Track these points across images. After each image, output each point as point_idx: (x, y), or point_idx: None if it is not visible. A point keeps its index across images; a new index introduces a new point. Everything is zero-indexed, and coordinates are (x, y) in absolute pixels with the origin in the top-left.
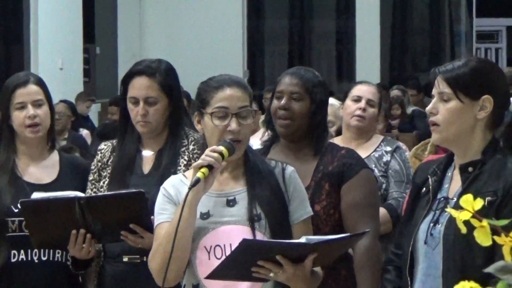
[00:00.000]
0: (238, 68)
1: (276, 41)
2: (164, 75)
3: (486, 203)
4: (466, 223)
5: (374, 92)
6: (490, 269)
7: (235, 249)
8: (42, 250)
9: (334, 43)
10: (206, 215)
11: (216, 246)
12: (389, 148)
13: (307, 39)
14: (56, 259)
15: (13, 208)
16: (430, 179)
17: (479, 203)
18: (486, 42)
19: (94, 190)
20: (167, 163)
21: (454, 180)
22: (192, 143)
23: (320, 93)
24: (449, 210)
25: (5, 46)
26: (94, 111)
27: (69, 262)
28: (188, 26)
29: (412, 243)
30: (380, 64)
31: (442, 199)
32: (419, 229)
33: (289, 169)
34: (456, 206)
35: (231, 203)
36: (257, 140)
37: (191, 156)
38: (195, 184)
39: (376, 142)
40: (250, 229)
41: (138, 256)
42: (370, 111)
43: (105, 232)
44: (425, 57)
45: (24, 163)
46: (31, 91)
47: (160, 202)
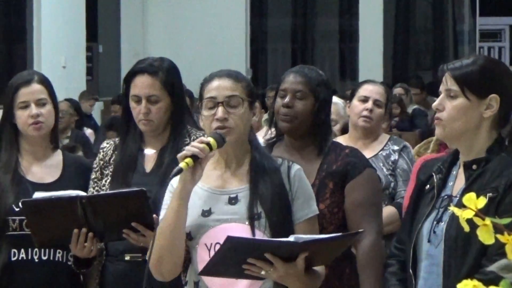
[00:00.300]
0: (241, 67)
1: (279, 39)
2: (167, 73)
3: (487, 199)
4: (468, 221)
5: (381, 92)
6: (493, 267)
7: (221, 246)
8: (42, 250)
9: (337, 41)
10: (207, 213)
11: (216, 243)
12: (396, 147)
13: (310, 37)
14: (56, 258)
15: (14, 207)
16: (434, 177)
17: (482, 202)
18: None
19: (96, 188)
20: (169, 161)
21: (458, 178)
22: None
23: (324, 92)
24: (452, 208)
25: (8, 44)
26: (97, 109)
27: (69, 262)
28: (191, 24)
29: (415, 241)
30: (383, 62)
31: (446, 197)
32: (423, 227)
33: (295, 167)
34: (459, 204)
35: (233, 201)
36: (260, 138)
37: None
38: (176, 174)
39: (383, 141)
40: (250, 227)
41: (140, 255)
42: (377, 111)
43: (107, 230)
44: (428, 56)
45: (27, 162)
46: (35, 90)
47: (165, 197)
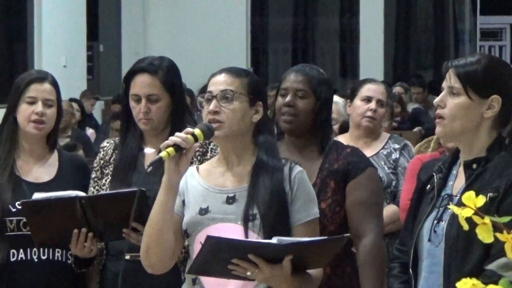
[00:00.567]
0: (241, 66)
1: (280, 38)
2: (166, 72)
3: (488, 199)
4: (468, 220)
5: (383, 91)
6: (492, 266)
7: (202, 246)
8: (41, 249)
9: (338, 40)
10: (204, 211)
11: None
12: (397, 146)
13: (311, 36)
14: (56, 258)
15: (11, 208)
16: (435, 176)
17: (481, 200)
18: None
19: (97, 188)
20: None
21: (458, 178)
22: None
23: (325, 91)
24: (451, 207)
25: (9, 44)
26: (97, 108)
27: (69, 261)
28: (192, 23)
29: (415, 240)
30: (384, 61)
31: (446, 196)
32: (423, 227)
33: (297, 169)
34: (459, 203)
35: (230, 200)
36: None
37: (193, 153)
38: (155, 162)
39: (383, 140)
40: (243, 228)
41: (140, 254)
42: (380, 111)
43: (106, 230)
44: (428, 54)
45: (23, 161)
46: (46, 89)
47: None
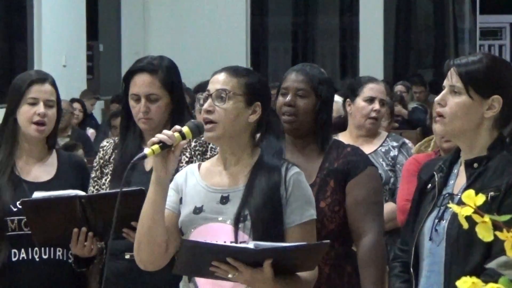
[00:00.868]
0: (241, 65)
1: (280, 38)
2: (166, 72)
3: (489, 198)
4: (468, 218)
5: (384, 90)
6: (492, 264)
7: (179, 248)
8: (43, 249)
9: (338, 40)
10: (199, 210)
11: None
12: (395, 143)
13: (311, 36)
14: (57, 257)
15: (12, 207)
16: (436, 175)
17: (481, 199)
18: (489, 39)
19: (96, 187)
20: None
21: (459, 176)
22: (194, 140)
23: (326, 90)
24: (451, 205)
25: (9, 43)
26: (97, 108)
27: (70, 260)
28: (192, 23)
29: (417, 239)
30: (384, 61)
31: (447, 195)
32: (424, 226)
33: (292, 171)
34: (460, 202)
35: (224, 200)
36: None
37: (193, 153)
38: (138, 159)
39: (382, 138)
40: (234, 229)
41: None
42: (382, 111)
43: (107, 230)
44: (428, 54)
45: (23, 161)
46: (47, 90)
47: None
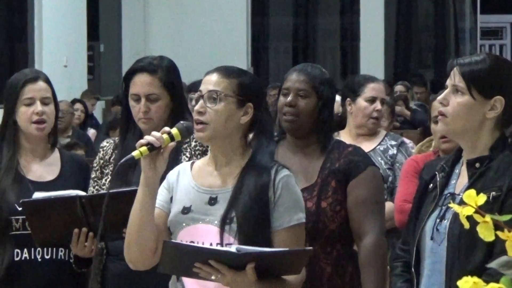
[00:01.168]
0: (242, 65)
1: (281, 38)
2: (166, 71)
3: (491, 198)
4: (470, 218)
5: (384, 89)
6: (493, 264)
7: (162, 249)
8: (45, 249)
9: (339, 40)
10: (187, 210)
11: (190, 242)
12: (394, 142)
13: (312, 36)
14: (59, 257)
15: (17, 207)
16: (437, 175)
17: (482, 199)
18: (490, 39)
19: (96, 187)
20: (169, 160)
21: (461, 176)
22: (194, 140)
23: (327, 90)
24: (452, 205)
25: (10, 44)
26: (98, 108)
27: (72, 261)
28: (193, 23)
29: (418, 239)
30: (384, 60)
31: (449, 194)
32: (426, 225)
33: (282, 173)
34: (462, 202)
35: (212, 201)
36: None
37: (193, 153)
38: (126, 161)
39: (380, 136)
40: (219, 231)
41: None
42: (383, 110)
43: (107, 230)
44: (429, 53)
45: (26, 161)
46: (41, 87)
47: (159, 192)
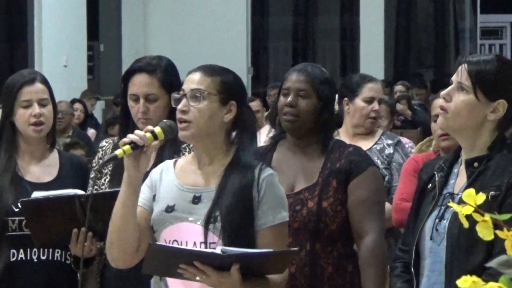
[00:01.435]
0: (242, 65)
1: (280, 38)
2: (165, 71)
3: (489, 197)
4: (469, 218)
5: (382, 89)
6: (492, 263)
7: (146, 251)
8: (41, 250)
9: (338, 40)
10: (170, 209)
11: (174, 240)
12: (390, 141)
13: (311, 36)
14: (55, 258)
15: (14, 208)
16: (436, 175)
17: (481, 198)
18: (490, 39)
19: (96, 187)
20: (168, 160)
21: (460, 176)
22: None
23: (327, 90)
24: (451, 204)
25: (9, 44)
26: (98, 108)
27: (68, 261)
28: (192, 23)
29: (417, 239)
30: (384, 60)
31: (448, 194)
32: (425, 225)
33: (266, 172)
34: (461, 202)
35: (196, 200)
36: (263, 136)
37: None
38: (109, 160)
39: (376, 135)
40: (204, 230)
41: None
42: (381, 109)
43: (106, 230)
44: (429, 53)
45: (25, 162)
46: (38, 89)
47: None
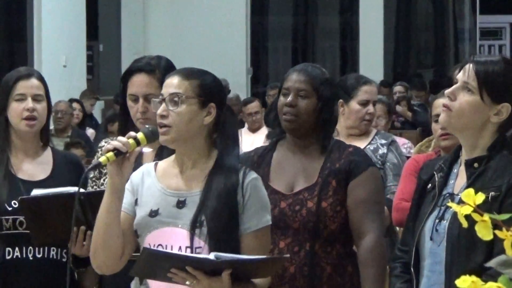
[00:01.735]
0: (241, 65)
1: (280, 38)
2: (164, 71)
3: (490, 198)
4: (469, 218)
5: (377, 91)
6: (491, 263)
7: (139, 255)
8: (37, 248)
9: (338, 39)
10: (154, 213)
11: (158, 245)
12: (384, 141)
13: (311, 35)
14: (51, 256)
15: (7, 206)
16: (436, 175)
17: (480, 198)
18: (489, 39)
19: (95, 187)
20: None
21: (460, 176)
22: None
23: (327, 90)
24: (451, 204)
25: (9, 44)
26: (97, 108)
27: (64, 260)
28: (192, 23)
29: (417, 239)
30: (384, 60)
31: (447, 195)
32: (425, 226)
33: (250, 176)
34: (460, 202)
35: (180, 204)
36: (263, 136)
37: None
38: (93, 167)
39: (370, 136)
40: (189, 234)
41: (139, 254)
42: (376, 110)
43: None
44: (428, 54)
45: (17, 159)
46: (34, 84)
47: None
